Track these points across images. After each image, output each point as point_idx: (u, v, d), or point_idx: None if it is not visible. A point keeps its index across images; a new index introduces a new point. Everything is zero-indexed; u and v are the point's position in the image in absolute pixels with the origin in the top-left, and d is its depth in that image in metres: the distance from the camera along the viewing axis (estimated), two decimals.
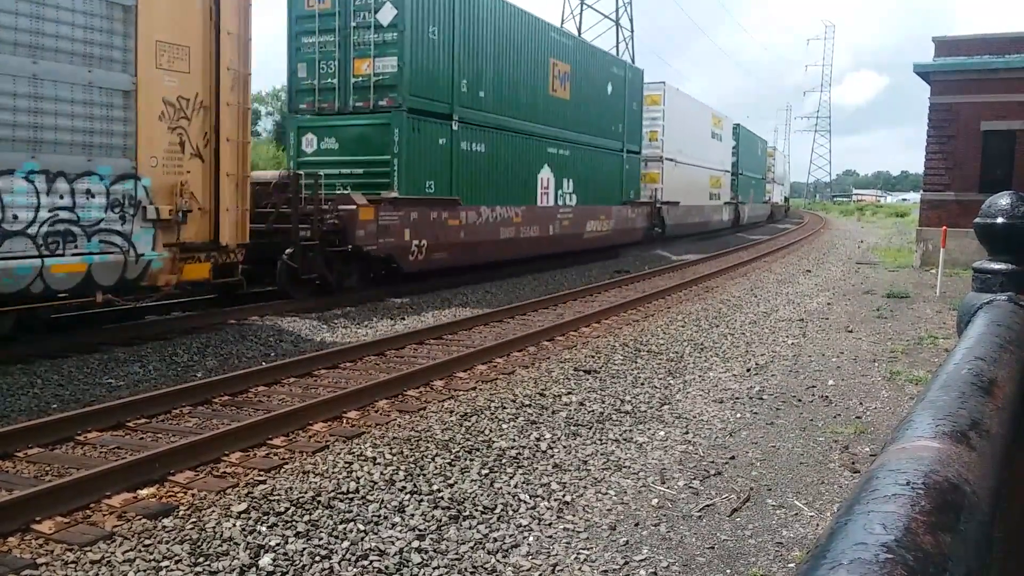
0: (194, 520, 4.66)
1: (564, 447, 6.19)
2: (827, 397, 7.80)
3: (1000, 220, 1.87)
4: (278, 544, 4.38)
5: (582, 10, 50.65)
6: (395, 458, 5.73)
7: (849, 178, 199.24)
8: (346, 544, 4.43)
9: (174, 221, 9.37)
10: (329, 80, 14.49)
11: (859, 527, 0.59)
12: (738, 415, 7.19)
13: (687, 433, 6.65)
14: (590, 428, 6.69)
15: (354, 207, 13.08)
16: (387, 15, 13.84)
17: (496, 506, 5.03)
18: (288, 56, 14.96)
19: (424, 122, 14.62)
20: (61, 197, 8.31)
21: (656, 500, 5.23)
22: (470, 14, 15.75)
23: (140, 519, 4.66)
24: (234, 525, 4.58)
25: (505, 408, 7.08)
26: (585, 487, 5.42)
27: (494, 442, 6.19)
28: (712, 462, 5.95)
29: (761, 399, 7.73)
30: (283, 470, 5.52)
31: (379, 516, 4.80)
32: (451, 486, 5.28)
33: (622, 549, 4.52)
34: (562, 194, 20.24)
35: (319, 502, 4.93)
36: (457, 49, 15.31)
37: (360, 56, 14.16)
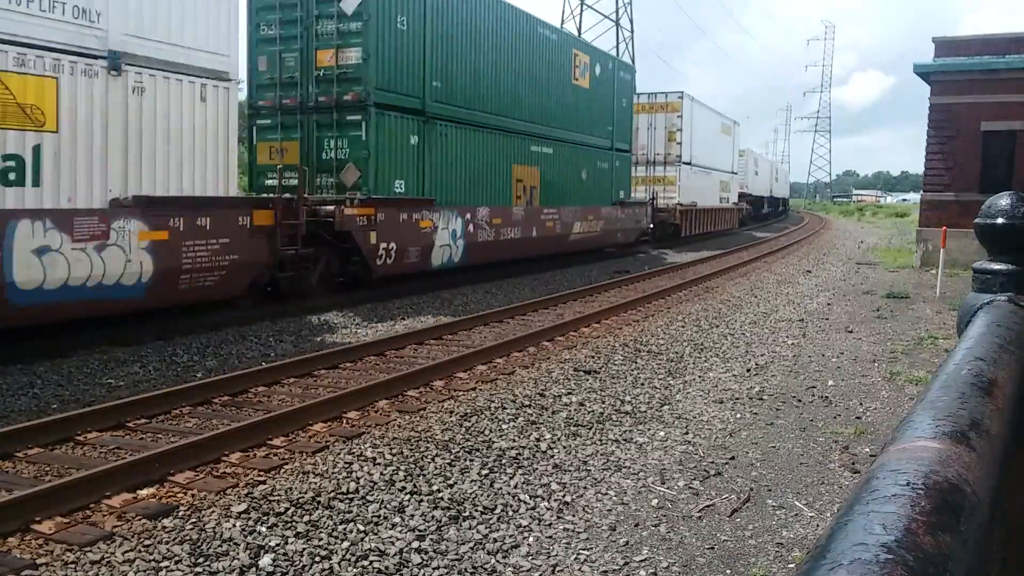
0: (194, 520, 4.66)
1: (564, 447, 6.19)
2: (827, 397, 7.80)
3: (1000, 220, 1.87)
4: (278, 544, 4.38)
5: (582, 10, 50.66)
6: (395, 458, 5.73)
7: (849, 178, 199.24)
8: (346, 544, 4.43)
9: None
10: None
11: (859, 527, 0.59)
12: (738, 415, 7.19)
13: (687, 433, 6.65)
14: (590, 428, 6.69)
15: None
16: None
17: (496, 506, 5.03)
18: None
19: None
20: None
21: (656, 500, 5.23)
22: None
23: (140, 519, 4.66)
24: (234, 525, 4.58)
25: (505, 408, 7.07)
26: (585, 487, 5.42)
27: (494, 442, 6.19)
28: (712, 462, 5.95)
29: (761, 399, 7.72)
30: (283, 470, 5.52)
31: (379, 516, 4.80)
32: (451, 486, 5.28)
33: (622, 549, 4.52)
34: None
35: (319, 502, 4.93)
36: None
37: None
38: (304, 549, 4.35)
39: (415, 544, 4.48)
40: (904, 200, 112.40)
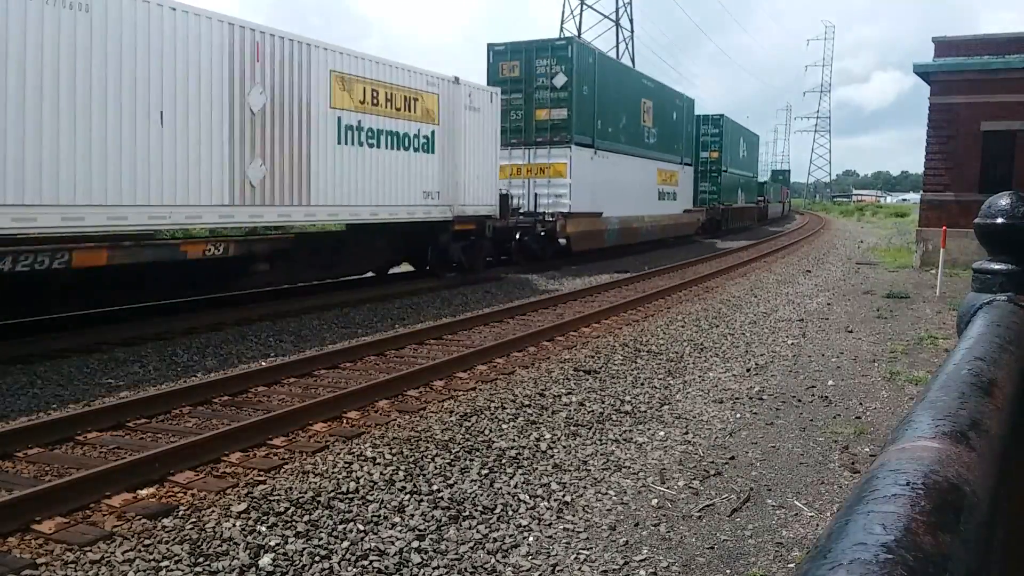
0: (194, 520, 4.66)
1: (564, 447, 6.19)
2: (827, 397, 7.80)
3: (1000, 220, 1.86)
4: (278, 544, 4.38)
5: (582, 10, 50.66)
6: (395, 458, 5.73)
7: (849, 178, 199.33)
8: (346, 544, 4.43)
9: None
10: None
11: (859, 527, 0.59)
12: (738, 415, 7.19)
13: (687, 433, 6.65)
14: (590, 428, 6.69)
15: None
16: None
17: (496, 506, 5.03)
18: None
19: None
20: None
21: (656, 500, 5.23)
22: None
23: (140, 519, 4.66)
24: (234, 525, 4.58)
25: (505, 408, 7.07)
26: (585, 487, 5.42)
27: (494, 442, 6.19)
28: (712, 462, 5.95)
29: (761, 399, 7.72)
30: (283, 470, 5.52)
31: (379, 516, 4.80)
32: (451, 486, 5.28)
33: (622, 549, 4.52)
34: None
35: (319, 502, 4.93)
36: None
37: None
38: (304, 549, 4.35)
39: (415, 544, 4.48)
40: (904, 200, 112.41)
